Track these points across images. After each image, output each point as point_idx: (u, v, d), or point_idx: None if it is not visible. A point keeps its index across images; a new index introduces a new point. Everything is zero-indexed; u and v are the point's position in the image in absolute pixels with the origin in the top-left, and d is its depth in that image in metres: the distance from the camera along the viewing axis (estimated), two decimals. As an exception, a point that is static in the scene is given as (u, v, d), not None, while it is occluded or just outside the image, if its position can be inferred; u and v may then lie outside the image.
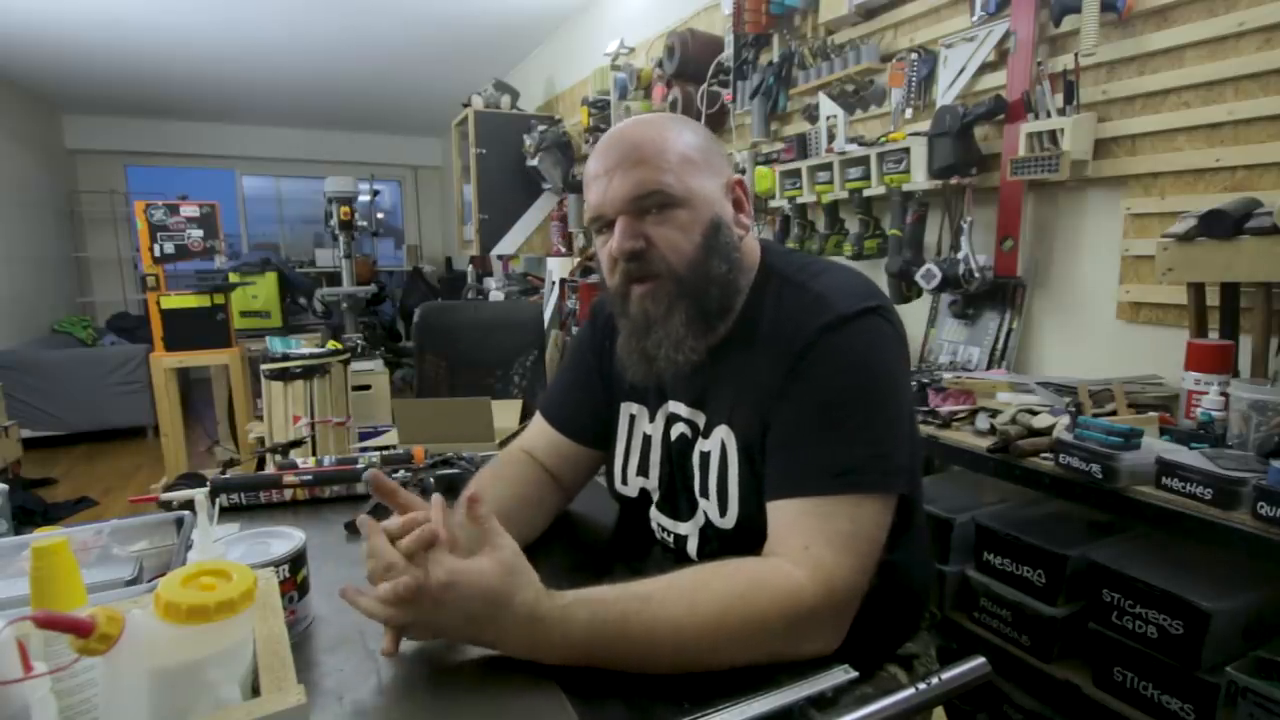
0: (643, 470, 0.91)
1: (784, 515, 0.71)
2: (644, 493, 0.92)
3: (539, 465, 0.97)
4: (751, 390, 0.77)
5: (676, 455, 0.87)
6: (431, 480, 1.14)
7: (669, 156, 0.75)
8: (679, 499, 0.88)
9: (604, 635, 0.62)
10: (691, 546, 0.86)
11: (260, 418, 2.86)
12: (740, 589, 0.65)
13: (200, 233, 3.32)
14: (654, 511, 0.91)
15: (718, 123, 2.55)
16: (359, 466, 1.12)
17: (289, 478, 1.07)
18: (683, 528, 0.87)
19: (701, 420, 0.84)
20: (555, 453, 0.98)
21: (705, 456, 0.82)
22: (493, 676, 0.64)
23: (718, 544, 0.82)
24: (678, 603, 0.64)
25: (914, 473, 0.80)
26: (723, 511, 0.80)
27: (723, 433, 0.80)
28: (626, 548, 0.95)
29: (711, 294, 0.77)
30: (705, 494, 0.83)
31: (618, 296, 0.81)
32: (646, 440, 0.91)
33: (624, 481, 0.94)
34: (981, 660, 0.67)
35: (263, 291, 5.35)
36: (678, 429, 0.87)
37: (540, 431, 1.00)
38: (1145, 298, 1.40)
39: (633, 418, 0.93)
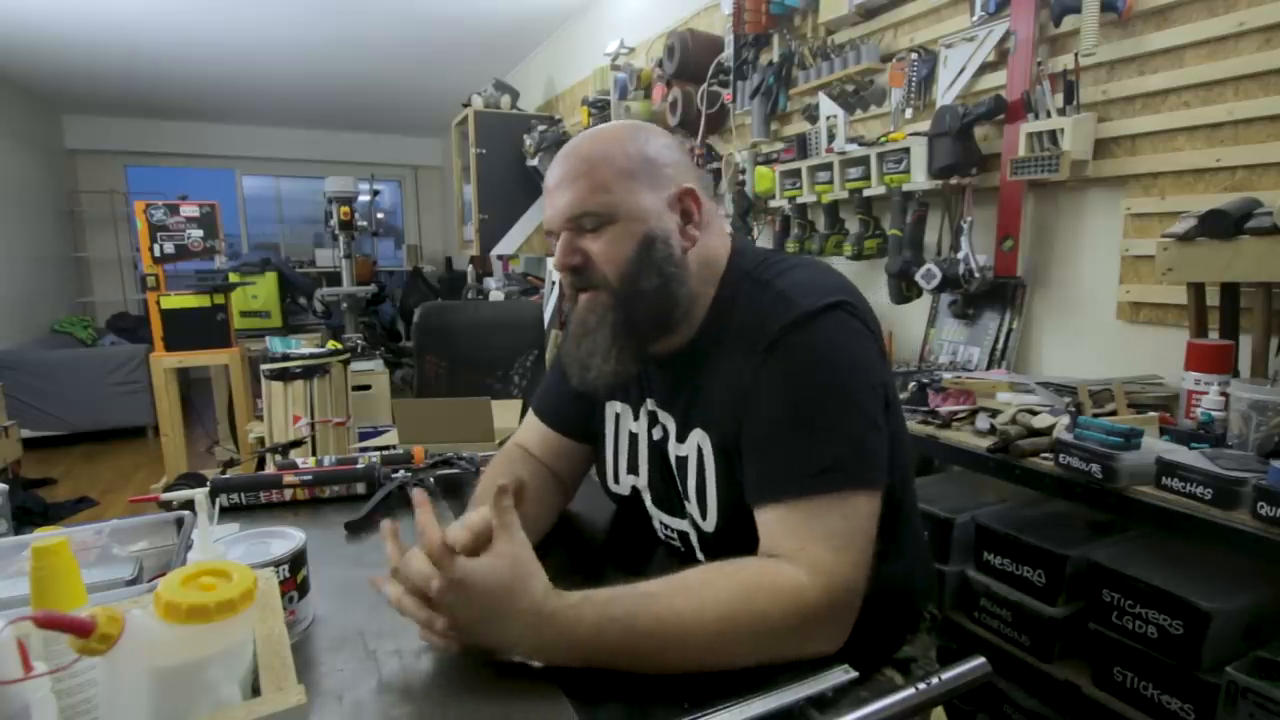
0: (633, 468, 0.91)
1: (773, 519, 0.70)
2: (636, 490, 0.92)
3: (538, 461, 0.98)
4: (722, 393, 0.77)
5: (659, 455, 0.88)
6: (431, 480, 1.14)
7: (605, 173, 0.77)
8: (671, 496, 0.88)
9: (611, 633, 0.62)
10: (694, 542, 0.86)
11: (260, 418, 2.86)
12: (745, 588, 0.65)
13: (200, 233, 3.32)
14: (652, 508, 0.91)
15: (718, 123, 2.55)
16: (359, 466, 1.12)
17: (289, 478, 1.07)
18: (683, 524, 0.87)
19: (674, 425, 0.84)
20: (550, 449, 0.98)
21: (682, 461, 0.83)
22: (493, 677, 0.64)
23: (712, 543, 0.82)
24: (685, 601, 0.64)
25: (902, 471, 0.80)
26: (703, 515, 0.81)
27: (698, 437, 0.81)
28: (627, 548, 0.96)
29: (641, 308, 0.78)
30: (687, 497, 0.83)
31: (569, 303, 0.84)
32: (633, 438, 0.91)
33: (615, 480, 0.94)
34: (981, 660, 0.66)
35: (263, 291, 5.35)
36: (659, 429, 0.87)
37: (534, 428, 1.01)
38: (1145, 298, 1.40)
39: (618, 416, 0.93)
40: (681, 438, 0.83)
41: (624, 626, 0.62)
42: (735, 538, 0.73)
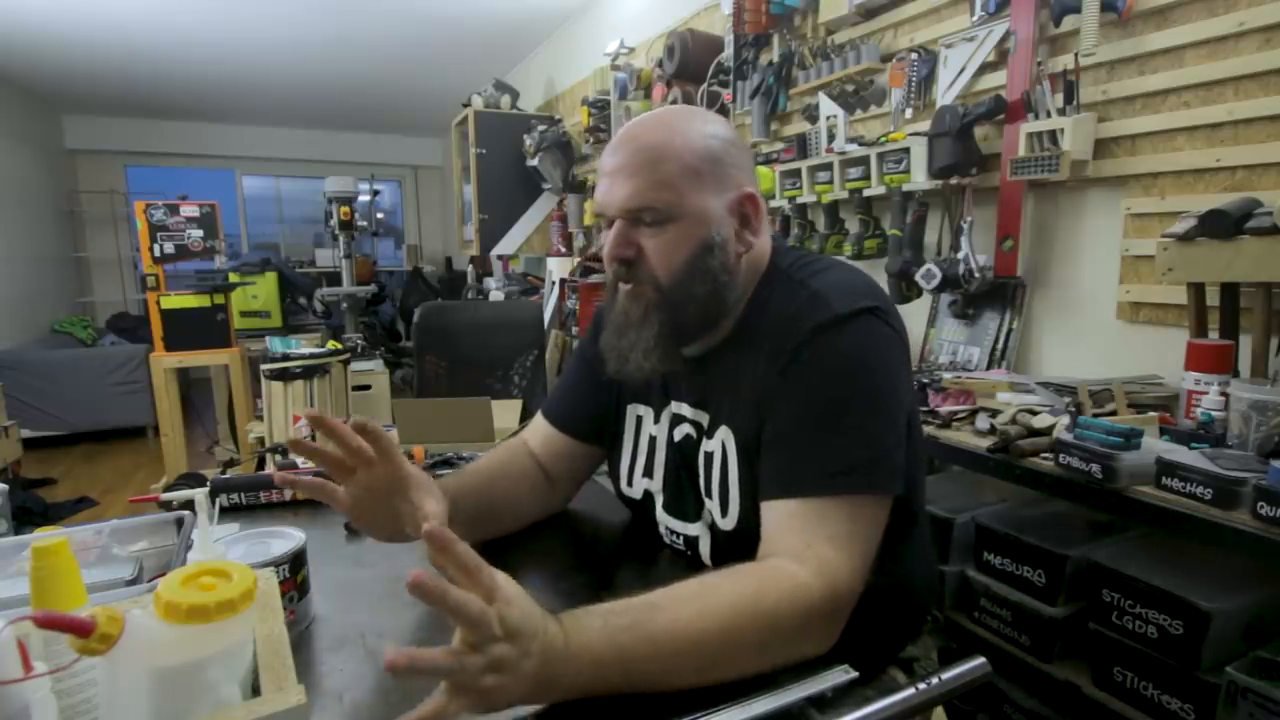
0: (647, 472, 0.91)
1: (780, 515, 0.70)
2: (648, 495, 0.92)
3: (530, 454, 0.99)
4: (749, 389, 0.77)
5: (682, 456, 0.87)
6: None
7: (671, 168, 0.74)
8: (686, 500, 0.87)
9: (618, 642, 0.57)
10: (704, 547, 0.85)
11: (260, 418, 2.86)
12: (749, 591, 0.63)
13: (200, 233, 3.32)
14: (661, 514, 0.90)
15: (718, 123, 2.55)
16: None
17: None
18: (693, 529, 0.86)
19: (705, 420, 0.84)
20: (549, 448, 0.99)
21: (709, 457, 0.82)
22: (493, 676, 0.64)
23: (725, 544, 0.81)
24: (688, 607, 0.61)
25: (913, 475, 0.80)
26: (724, 512, 0.80)
27: (723, 433, 0.80)
28: (635, 549, 0.95)
29: (689, 311, 0.77)
30: (709, 494, 0.82)
31: (610, 289, 0.83)
32: (652, 442, 0.91)
33: (629, 483, 0.94)
34: (981, 660, 0.66)
35: (263, 291, 5.36)
36: (682, 430, 0.87)
37: (538, 427, 1.01)
38: (1145, 298, 1.40)
39: (639, 419, 0.93)
40: (710, 434, 0.82)
41: (631, 636, 0.58)
42: (752, 538, 0.72)
